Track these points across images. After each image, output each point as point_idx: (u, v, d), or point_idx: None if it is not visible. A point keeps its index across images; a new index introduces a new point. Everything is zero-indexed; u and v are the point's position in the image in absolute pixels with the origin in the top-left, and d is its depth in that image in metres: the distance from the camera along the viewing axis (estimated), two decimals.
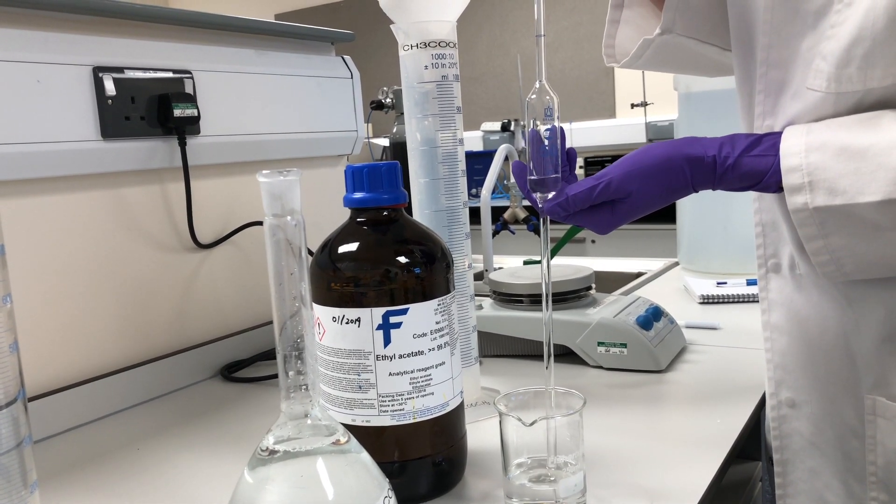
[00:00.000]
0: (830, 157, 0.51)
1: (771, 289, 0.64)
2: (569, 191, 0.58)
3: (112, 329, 0.86)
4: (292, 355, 0.43)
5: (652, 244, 2.60)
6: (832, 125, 0.53)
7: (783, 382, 0.64)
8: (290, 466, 0.43)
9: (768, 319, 0.64)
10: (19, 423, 0.42)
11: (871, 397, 0.58)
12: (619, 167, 0.58)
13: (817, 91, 0.53)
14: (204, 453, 0.71)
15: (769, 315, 0.64)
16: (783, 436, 0.64)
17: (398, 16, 0.69)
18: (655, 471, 0.61)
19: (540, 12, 0.54)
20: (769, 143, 0.55)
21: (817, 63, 0.53)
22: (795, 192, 0.52)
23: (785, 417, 0.64)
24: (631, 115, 3.53)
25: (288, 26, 1.08)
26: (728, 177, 0.55)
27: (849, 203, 0.50)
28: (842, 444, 0.61)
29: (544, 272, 0.57)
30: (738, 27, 0.63)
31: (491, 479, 0.61)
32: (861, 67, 0.51)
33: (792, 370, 0.63)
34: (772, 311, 0.64)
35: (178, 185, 0.92)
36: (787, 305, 0.63)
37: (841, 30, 0.51)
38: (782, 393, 0.64)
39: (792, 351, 0.63)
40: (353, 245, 0.57)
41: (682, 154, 0.56)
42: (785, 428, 0.64)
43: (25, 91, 0.75)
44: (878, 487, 0.58)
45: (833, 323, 0.59)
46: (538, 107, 0.55)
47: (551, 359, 0.56)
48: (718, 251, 1.32)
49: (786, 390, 0.64)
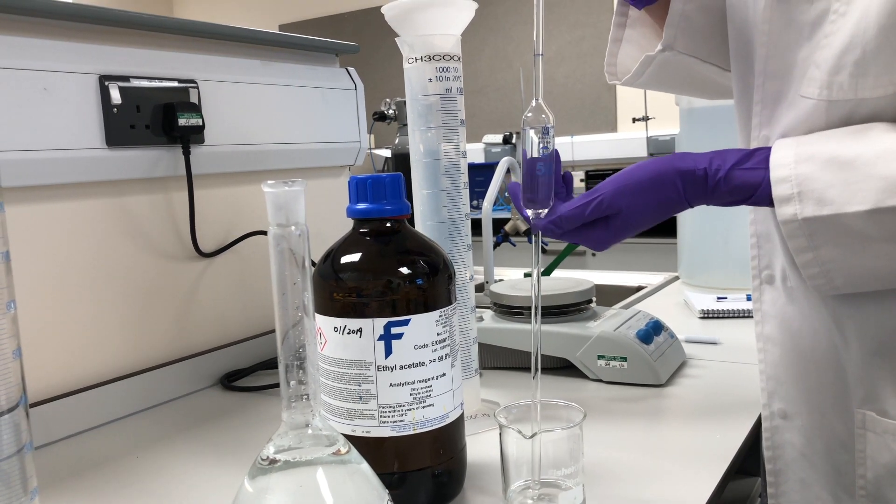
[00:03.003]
0: (819, 167, 0.52)
1: (764, 300, 0.64)
2: (561, 210, 0.58)
3: (114, 336, 0.86)
4: (294, 365, 0.43)
5: (652, 258, 2.61)
6: (822, 137, 0.53)
7: (775, 393, 0.64)
8: (291, 476, 0.43)
9: (762, 331, 0.65)
10: (21, 429, 0.43)
11: (861, 411, 0.58)
12: (612, 183, 0.58)
13: (809, 98, 0.54)
14: (204, 462, 0.71)
15: (762, 326, 0.64)
16: (775, 446, 0.65)
17: (403, 29, 0.70)
18: (655, 485, 0.61)
19: (539, 32, 0.54)
20: (760, 156, 0.55)
21: (811, 71, 0.54)
22: (785, 202, 0.53)
23: (777, 428, 0.64)
24: (632, 129, 3.54)
25: (292, 37, 1.09)
26: (720, 190, 0.56)
27: (837, 213, 0.51)
28: (832, 456, 0.61)
29: (534, 286, 0.57)
30: (737, 40, 0.63)
31: (490, 491, 0.61)
32: (853, 75, 0.51)
33: (784, 381, 0.63)
34: (765, 323, 0.64)
35: (182, 193, 0.92)
36: (779, 317, 0.63)
37: (834, 38, 0.52)
38: (775, 404, 0.64)
39: (784, 362, 0.63)
40: (356, 255, 0.58)
41: (674, 168, 0.57)
42: (777, 439, 0.64)
43: (32, 99, 0.76)
44: (866, 502, 0.58)
45: (824, 336, 0.59)
46: (534, 125, 0.56)
47: (538, 371, 0.56)
48: (719, 266, 1.32)
49: (778, 401, 0.64)
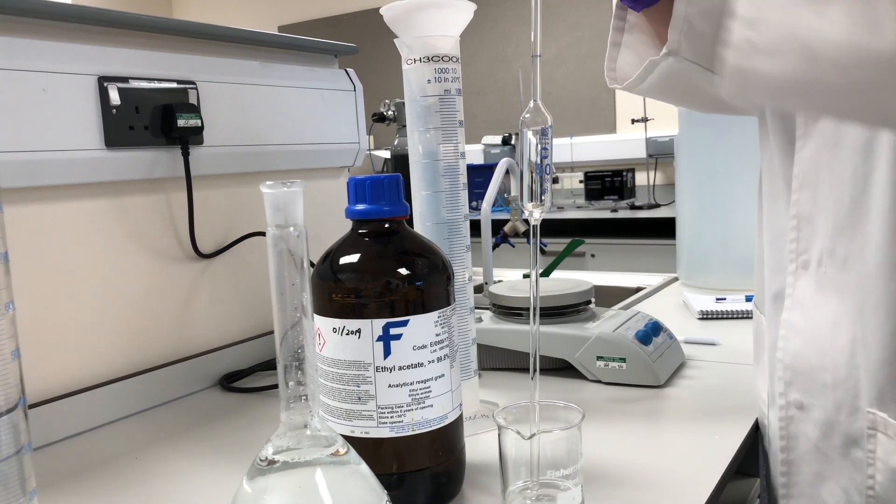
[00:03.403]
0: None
1: (798, 286, 0.64)
2: None
3: (112, 337, 0.86)
4: (293, 366, 0.43)
5: (651, 259, 2.61)
6: None
7: (792, 384, 0.64)
8: (289, 477, 0.43)
9: (787, 317, 0.64)
10: (19, 430, 0.43)
11: (873, 412, 0.58)
12: None
13: None
14: (202, 463, 0.71)
15: (790, 313, 0.64)
16: (790, 436, 0.64)
17: (402, 30, 0.70)
18: (653, 486, 0.61)
19: (536, 33, 0.54)
20: None
21: None
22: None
23: (793, 419, 0.64)
24: (632, 130, 3.55)
25: (292, 38, 1.09)
26: None
27: None
28: (846, 452, 0.61)
29: (533, 286, 0.57)
30: None
31: (489, 492, 0.61)
32: None
33: (802, 372, 0.63)
34: (793, 310, 0.64)
35: (181, 194, 0.92)
36: (807, 306, 0.63)
37: None
38: (791, 394, 0.64)
39: (804, 353, 0.63)
40: (355, 256, 0.58)
41: None
42: (792, 429, 0.64)
43: (31, 100, 0.76)
44: (876, 502, 0.58)
45: (844, 330, 0.60)
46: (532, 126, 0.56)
47: (537, 372, 0.56)
48: (718, 267, 1.32)
49: (795, 392, 0.64)
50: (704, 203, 1.34)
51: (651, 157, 3.34)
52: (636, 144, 3.46)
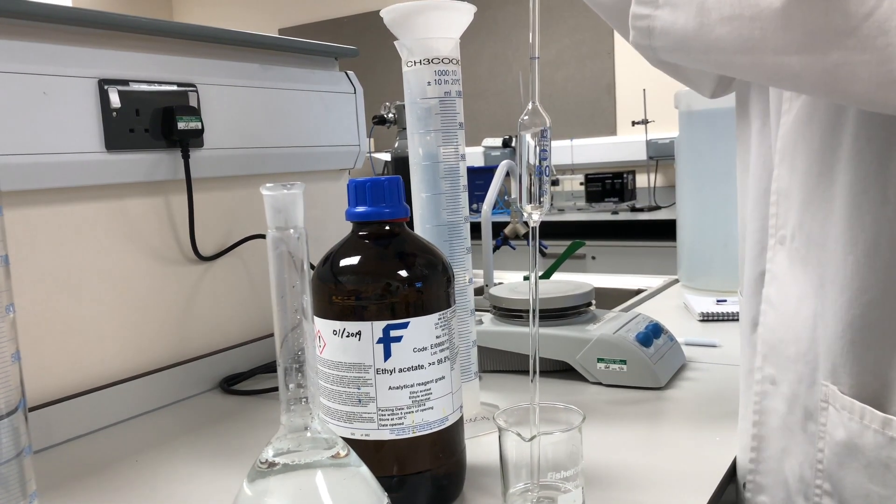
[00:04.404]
0: None
1: (776, 261, 0.64)
2: None
3: (113, 340, 0.86)
4: (293, 368, 0.43)
5: (652, 261, 2.61)
6: None
7: (767, 358, 0.64)
8: (290, 479, 0.43)
9: (766, 292, 0.64)
10: (20, 432, 0.42)
11: (825, 384, 0.58)
12: None
13: None
14: (203, 465, 0.71)
15: (768, 288, 0.64)
16: (762, 411, 0.64)
17: (402, 32, 0.70)
18: (654, 488, 0.61)
19: (535, 35, 0.54)
20: None
21: None
22: None
23: (766, 393, 0.64)
24: (632, 132, 3.55)
25: (292, 41, 1.09)
26: None
27: None
28: (805, 427, 0.60)
29: (533, 289, 0.57)
30: None
31: (490, 494, 0.61)
32: None
33: (773, 346, 0.63)
34: (770, 285, 0.64)
35: (181, 197, 0.92)
36: (781, 280, 0.63)
37: None
38: (766, 368, 0.64)
39: (777, 327, 0.63)
40: (355, 258, 0.58)
41: None
42: (765, 404, 0.64)
43: (32, 103, 0.76)
44: (822, 476, 0.58)
45: (808, 304, 0.59)
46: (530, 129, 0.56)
47: (537, 374, 0.56)
48: (718, 269, 1.32)
49: (769, 366, 0.64)
50: (705, 205, 1.34)
51: (651, 159, 3.34)
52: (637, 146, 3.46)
